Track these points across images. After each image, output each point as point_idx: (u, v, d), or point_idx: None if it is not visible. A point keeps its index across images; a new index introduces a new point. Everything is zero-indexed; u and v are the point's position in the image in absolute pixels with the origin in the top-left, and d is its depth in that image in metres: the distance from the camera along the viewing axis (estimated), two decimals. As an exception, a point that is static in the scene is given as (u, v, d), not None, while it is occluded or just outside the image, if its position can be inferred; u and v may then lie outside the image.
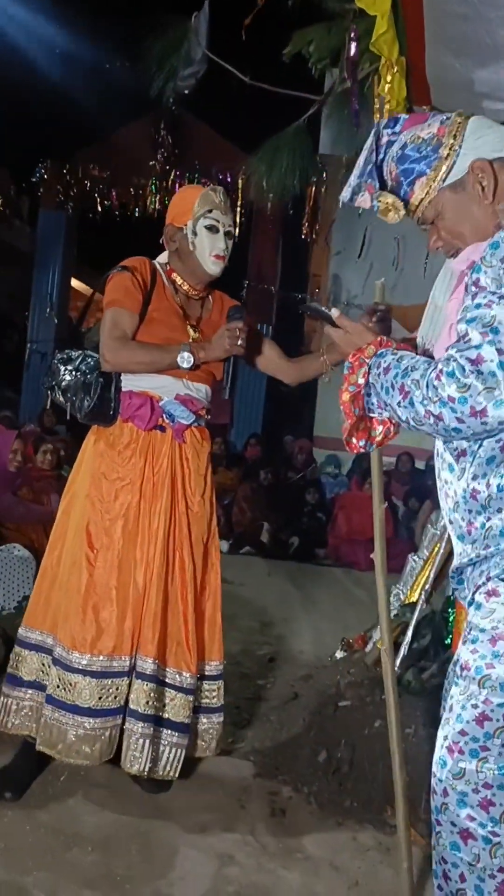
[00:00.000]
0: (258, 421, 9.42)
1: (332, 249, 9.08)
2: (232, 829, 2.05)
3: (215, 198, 2.16)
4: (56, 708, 2.03)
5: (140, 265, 2.16)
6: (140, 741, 2.02)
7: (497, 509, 1.35)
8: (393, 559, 6.30)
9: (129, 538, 2.09)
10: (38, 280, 10.23)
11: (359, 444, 1.51)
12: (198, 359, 2.08)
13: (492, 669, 1.31)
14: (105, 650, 2.04)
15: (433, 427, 1.31)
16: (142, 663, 2.06)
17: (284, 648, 3.77)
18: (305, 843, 2.02)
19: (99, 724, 2.02)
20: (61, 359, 2.22)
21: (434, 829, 1.35)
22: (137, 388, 2.13)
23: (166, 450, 2.13)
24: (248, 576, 5.27)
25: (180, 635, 2.11)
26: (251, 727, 2.71)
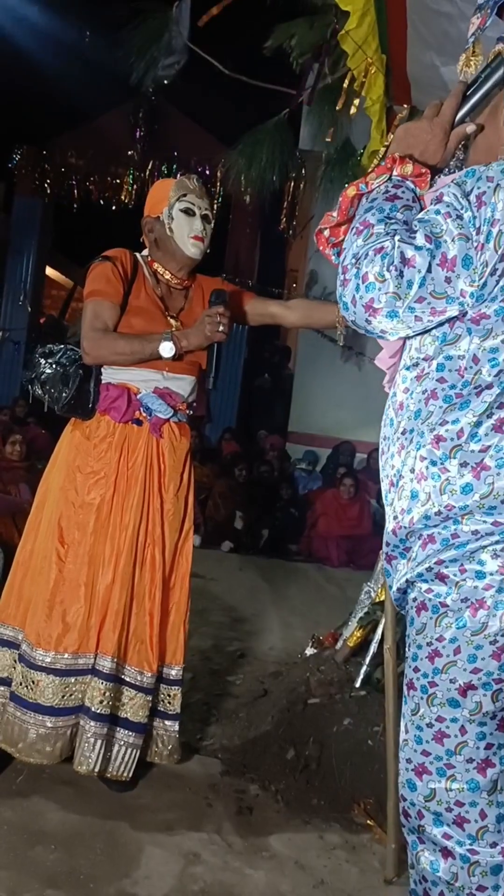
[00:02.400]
0: (232, 415, 9.41)
1: (311, 246, 9.07)
2: (198, 827, 2.04)
3: (189, 183, 2.15)
4: (18, 706, 2.00)
5: (121, 255, 2.13)
6: (92, 740, 1.98)
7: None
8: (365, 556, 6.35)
9: (100, 533, 2.06)
10: (11, 267, 10.09)
11: (326, 247, 1.38)
12: (180, 348, 2.04)
13: (435, 687, 1.27)
14: (70, 648, 2.01)
15: (338, 287, 1.23)
16: (101, 661, 2.02)
17: (255, 644, 3.76)
18: (272, 842, 2.02)
19: (61, 722, 1.99)
20: (42, 352, 2.18)
21: (414, 849, 1.32)
22: (116, 381, 2.10)
23: (142, 444, 2.09)
24: (219, 571, 5.25)
25: (144, 634, 2.08)
26: (219, 724, 2.70)
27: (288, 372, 10.49)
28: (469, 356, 1.23)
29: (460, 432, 1.23)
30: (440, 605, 1.26)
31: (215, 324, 2.04)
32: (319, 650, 3.00)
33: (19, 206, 10.07)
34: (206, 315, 2.07)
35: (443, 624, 1.26)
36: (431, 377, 1.26)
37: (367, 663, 2.56)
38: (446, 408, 1.24)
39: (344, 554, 6.36)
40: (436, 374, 1.26)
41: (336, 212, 1.34)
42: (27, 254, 10.02)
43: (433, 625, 1.27)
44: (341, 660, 2.74)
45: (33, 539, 2.16)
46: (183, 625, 2.19)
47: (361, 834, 2.09)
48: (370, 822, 2.12)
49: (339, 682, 2.59)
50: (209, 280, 2.28)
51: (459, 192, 1.20)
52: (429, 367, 1.27)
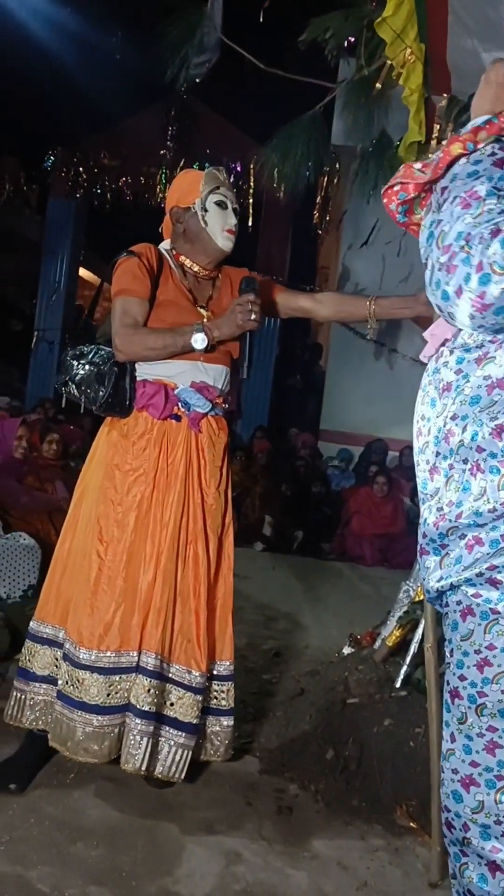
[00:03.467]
0: (265, 413, 9.38)
1: (343, 243, 9.01)
2: (238, 826, 2.02)
3: (220, 175, 2.15)
4: (65, 704, 2.01)
5: (146, 250, 2.12)
6: (137, 738, 1.97)
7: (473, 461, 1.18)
8: (399, 555, 6.28)
9: (141, 530, 2.05)
10: (46, 268, 10.18)
11: (393, 201, 1.28)
12: (212, 338, 2.02)
13: (485, 697, 1.22)
14: (113, 646, 2.00)
15: (435, 272, 1.08)
16: (145, 658, 2.01)
17: (290, 643, 3.74)
18: (313, 842, 1.99)
19: (107, 721, 1.98)
20: (73, 354, 2.16)
21: (457, 862, 1.28)
22: (152, 377, 2.08)
23: (181, 440, 2.08)
24: (252, 569, 5.24)
25: (191, 632, 2.06)
26: (257, 723, 2.68)
27: (319, 369, 10.44)
28: None
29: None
30: (490, 611, 1.20)
31: (247, 311, 2.01)
32: (357, 649, 2.97)
33: (53, 208, 10.15)
34: (237, 303, 2.04)
35: (493, 632, 1.20)
36: (498, 363, 1.17)
37: (408, 663, 2.52)
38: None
39: (377, 552, 6.30)
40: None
41: (425, 166, 1.21)
42: (61, 255, 10.11)
43: (482, 632, 1.21)
44: (380, 659, 2.70)
45: (71, 537, 2.16)
46: (230, 619, 2.17)
47: (404, 836, 2.06)
48: (413, 825, 2.08)
49: (378, 682, 2.55)
50: (236, 270, 2.27)
51: None
52: (495, 351, 1.17)
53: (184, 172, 2.28)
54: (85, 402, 2.09)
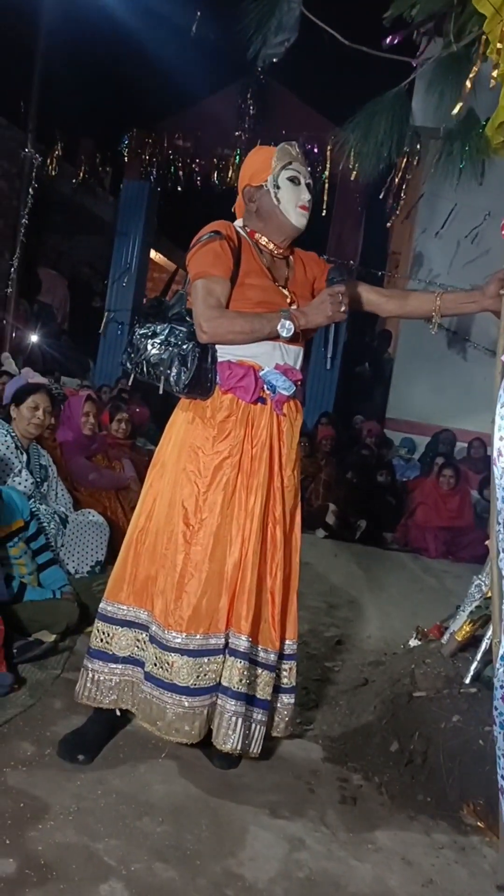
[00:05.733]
0: (330, 399, 9.30)
1: (417, 227, 8.81)
2: (301, 812, 2.02)
3: (293, 150, 2.11)
4: (155, 686, 2.03)
5: (226, 229, 2.09)
6: (233, 719, 2.00)
7: None
8: (464, 548, 6.15)
9: (227, 513, 2.04)
10: (118, 250, 10.32)
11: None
12: (298, 326, 2.00)
13: None
14: (201, 628, 2.01)
15: None
16: (235, 640, 2.02)
17: (352, 632, 3.70)
18: (377, 835, 1.97)
19: (198, 702, 2.00)
20: (144, 334, 2.08)
21: None
22: (236, 358, 2.06)
23: (265, 422, 2.06)
24: (314, 555, 5.22)
25: (267, 612, 2.08)
26: (319, 710, 2.67)
27: (388, 357, 10.27)
28: None
29: None
30: None
31: (338, 303, 1.99)
32: (424, 642, 2.91)
33: (127, 190, 10.26)
34: (329, 294, 2.01)
35: None
36: None
37: (478, 659, 2.45)
38: None
39: (442, 545, 6.18)
40: None
41: None
42: (133, 237, 10.22)
43: None
44: (448, 654, 2.64)
45: (146, 519, 2.15)
46: (294, 600, 2.18)
47: (471, 835, 2.01)
48: (480, 824, 2.03)
49: (446, 677, 2.50)
50: (307, 254, 2.25)
51: None
52: None
53: (256, 150, 2.24)
54: (164, 384, 2.05)
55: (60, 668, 2.60)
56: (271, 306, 2.04)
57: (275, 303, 2.05)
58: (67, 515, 3.75)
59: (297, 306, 2.08)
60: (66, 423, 4.49)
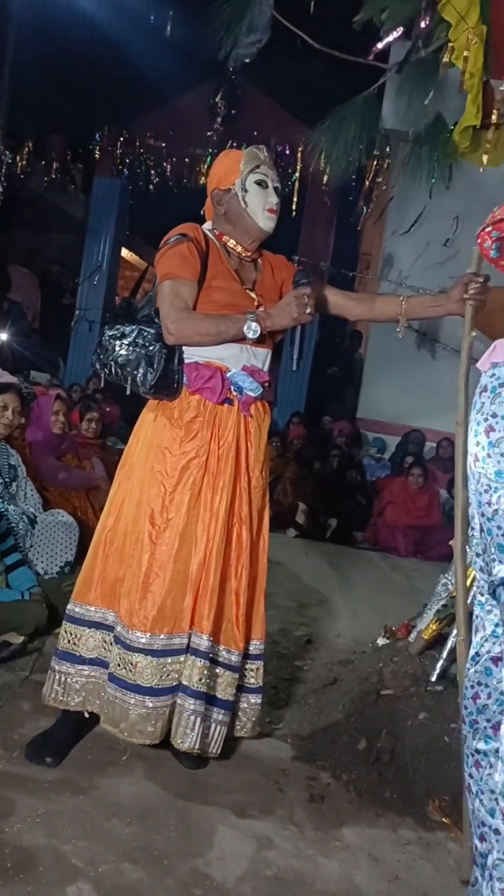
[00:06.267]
0: (301, 399, 9.34)
1: (387, 229, 8.88)
2: (270, 811, 2.03)
3: (260, 154, 2.13)
4: (118, 687, 2.03)
5: (194, 231, 2.10)
6: (192, 718, 2.01)
7: None
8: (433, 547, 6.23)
9: (193, 513, 2.06)
10: (89, 248, 10.23)
11: (488, 240, 1.46)
12: (264, 328, 2.02)
13: None
14: (165, 628, 2.02)
15: None
16: (197, 640, 2.03)
17: (321, 630, 3.73)
18: (344, 832, 1.99)
19: (160, 702, 2.01)
20: (113, 335, 2.10)
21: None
22: (203, 359, 2.07)
23: (232, 423, 2.08)
24: (285, 554, 5.24)
25: (231, 613, 2.09)
26: (289, 709, 2.68)
27: (359, 357, 10.34)
28: None
29: None
30: None
31: (303, 305, 2.01)
32: (392, 641, 2.95)
33: (99, 188, 10.18)
34: (294, 296, 2.03)
35: None
36: None
37: (444, 657, 2.49)
38: None
39: (412, 544, 6.25)
40: None
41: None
42: (104, 235, 10.14)
43: None
44: (415, 652, 2.67)
45: (114, 519, 2.15)
46: (262, 600, 2.20)
47: (436, 831, 2.05)
48: (446, 821, 2.07)
49: (413, 675, 2.53)
50: (275, 257, 2.27)
51: None
52: None
53: (224, 153, 2.25)
54: (131, 385, 2.07)
55: (29, 670, 2.59)
56: (238, 309, 2.06)
57: (242, 305, 2.06)
58: (36, 516, 3.72)
59: (264, 309, 2.10)
60: (35, 423, 4.44)
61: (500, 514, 1.37)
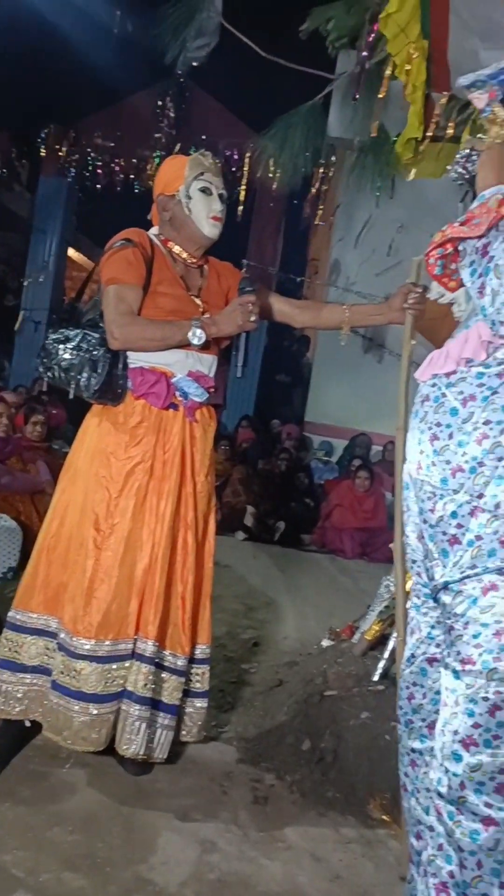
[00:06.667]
0: (251, 403, 9.38)
1: (335, 236, 9.00)
2: (214, 815, 2.04)
3: (205, 161, 2.13)
4: (62, 694, 2.01)
5: (139, 237, 2.10)
6: (137, 724, 2.00)
7: None
8: (379, 549, 6.32)
9: (138, 518, 2.05)
10: (34, 247, 10.07)
11: (433, 256, 1.51)
12: (209, 335, 2.03)
13: (499, 662, 1.34)
14: (110, 634, 2.01)
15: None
16: (142, 645, 2.03)
17: (269, 633, 3.76)
18: (287, 833, 2.01)
19: (105, 709, 2.00)
20: (57, 339, 2.10)
21: (450, 819, 1.38)
22: (149, 365, 2.07)
23: (177, 428, 2.08)
24: (233, 557, 5.25)
25: (177, 617, 2.09)
26: (235, 712, 2.70)
27: (307, 361, 10.44)
28: None
29: None
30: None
31: (247, 313, 2.03)
32: (336, 642, 3.00)
33: (44, 186, 10.03)
34: (238, 303, 2.05)
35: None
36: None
37: (386, 657, 2.55)
38: None
39: (358, 546, 6.34)
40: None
41: (471, 226, 1.39)
42: (50, 234, 9.99)
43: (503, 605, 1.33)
44: (359, 653, 2.72)
45: (58, 524, 2.14)
46: (208, 604, 2.20)
47: (377, 829, 2.09)
48: (386, 818, 2.11)
49: (356, 676, 2.58)
50: (221, 263, 2.28)
51: None
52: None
53: (169, 159, 2.26)
54: (74, 389, 2.06)
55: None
56: (183, 315, 2.06)
57: (187, 311, 2.07)
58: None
59: (209, 315, 2.11)
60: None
61: (444, 521, 1.41)
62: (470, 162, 1.65)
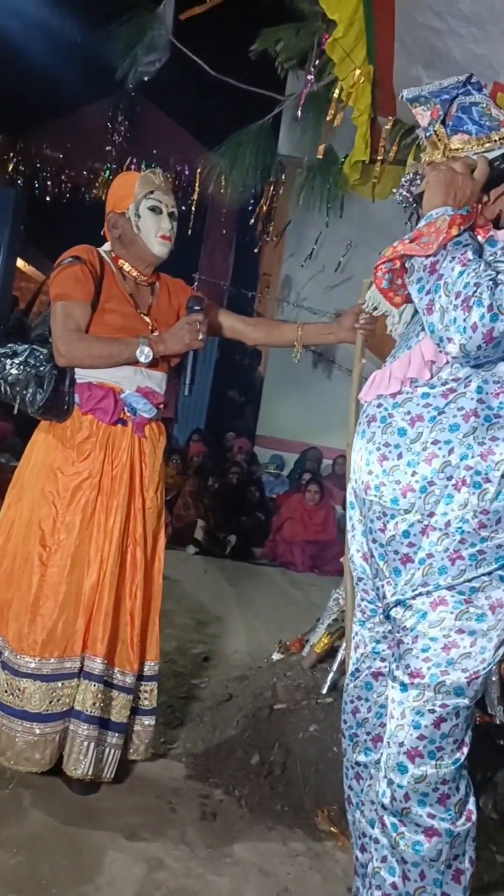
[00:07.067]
0: (202, 417, 9.39)
1: (286, 251, 9.11)
2: (161, 832, 2.02)
3: (155, 179, 2.14)
4: (4, 714, 1.97)
5: (88, 254, 2.10)
6: (85, 744, 1.98)
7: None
8: (329, 562, 6.39)
9: (85, 534, 2.04)
10: (-19, 258, 9.90)
11: (382, 270, 1.54)
12: (157, 353, 2.04)
13: (447, 676, 1.38)
14: (56, 652, 1.99)
15: (451, 312, 1.33)
16: (90, 663, 2.01)
17: (219, 648, 3.75)
18: (235, 848, 2.01)
19: (49, 728, 1.97)
20: (4, 353, 2.10)
21: (393, 831, 1.40)
22: (97, 380, 2.07)
23: (126, 444, 2.08)
24: (183, 572, 5.23)
25: (126, 634, 2.08)
26: (184, 728, 2.68)
27: (258, 375, 10.51)
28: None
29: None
30: (464, 601, 1.38)
31: (195, 332, 2.05)
32: (286, 655, 3.00)
33: (-8, 196, 9.90)
34: (186, 322, 2.06)
35: (463, 618, 1.38)
36: (469, 397, 1.40)
37: (334, 670, 2.57)
38: (489, 426, 1.39)
39: (308, 559, 6.39)
40: (475, 394, 1.40)
41: (421, 244, 1.44)
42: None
43: (453, 619, 1.38)
44: (308, 666, 2.74)
45: (4, 540, 2.12)
46: (157, 620, 2.19)
47: (325, 841, 2.10)
48: (333, 829, 2.12)
49: (305, 688, 2.59)
50: (173, 281, 2.30)
51: None
52: (464, 387, 1.41)
53: (120, 176, 2.27)
54: (19, 404, 2.05)
55: None
56: (131, 332, 2.07)
57: (135, 329, 2.08)
58: None
59: (158, 333, 2.12)
60: None
61: (396, 540, 1.44)
62: (414, 185, 1.70)
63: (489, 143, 1.48)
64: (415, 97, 1.57)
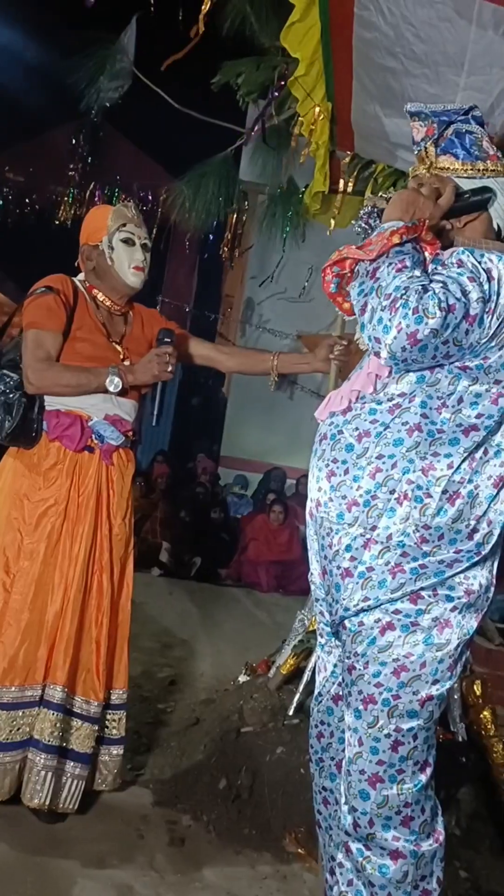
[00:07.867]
0: (165, 438, 9.41)
1: (248, 274, 9.23)
2: (130, 859, 2.02)
3: (128, 212, 2.20)
4: None
5: (62, 284, 2.14)
6: (42, 773, 1.97)
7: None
8: (294, 582, 6.41)
9: (50, 561, 2.05)
10: None
11: (329, 274, 1.55)
12: (126, 383, 2.07)
13: (398, 700, 1.39)
14: (17, 680, 1.98)
15: (378, 312, 1.36)
16: (51, 691, 2.01)
17: (186, 671, 3.75)
18: (204, 873, 2.02)
19: (9, 757, 1.96)
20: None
21: (358, 857, 1.41)
22: (65, 408, 2.10)
23: (93, 471, 2.10)
24: (148, 594, 5.21)
25: (90, 662, 2.08)
26: (151, 754, 2.68)
27: (222, 396, 10.57)
28: (455, 397, 1.41)
29: (450, 465, 1.39)
30: (411, 624, 1.40)
31: (164, 363, 2.09)
32: (252, 677, 3.02)
33: (-48, 218, 9.84)
34: (156, 354, 2.11)
35: (411, 641, 1.39)
36: (413, 412, 1.42)
37: (301, 691, 2.60)
38: (431, 441, 1.41)
39: (273, 579, 6.42)
40: (419, 409, 1.42)
41: (367, 250, 1.47)
42: (-41, 267, 9.78)
43: (401, 643, 1.40)
44: (274, 687, 2.76)
45: None
46: (126, 648, 2.20)
47: (293, 863, 2.12)
48: (301, 851, 2.15)
49: (272, 710, 2.61)
50: (147, 311, 2.34)
51: (475, 263, 1.39)
52: (409, 402, 1.43)
53: (94, 209, 2.32)
54: None
55: None
56: (102, 362, 2.10)
57: (106, 358, 2.11)
58: None
59: (129, 362, 2.15)
60: None
61: (339, 555, 1.45)
62: (372, 218, 1.77)
63: (472, 171, 1.53)
64: (416, 112, 1.63)
